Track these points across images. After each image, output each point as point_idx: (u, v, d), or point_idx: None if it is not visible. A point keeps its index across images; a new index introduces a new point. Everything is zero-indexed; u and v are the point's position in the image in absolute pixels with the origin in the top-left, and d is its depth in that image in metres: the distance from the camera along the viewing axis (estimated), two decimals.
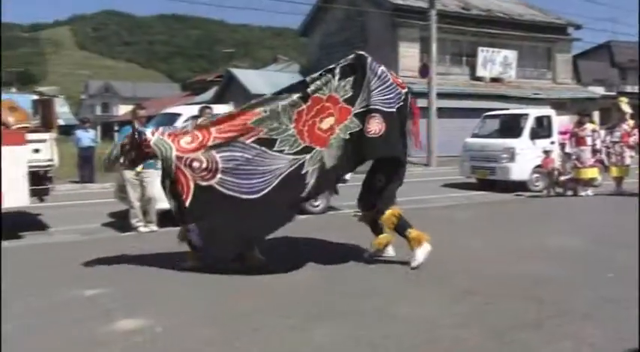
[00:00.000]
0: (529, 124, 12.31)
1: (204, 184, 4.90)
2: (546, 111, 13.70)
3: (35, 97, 8.37)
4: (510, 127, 13.00)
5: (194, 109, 8.65)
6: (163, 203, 6.15)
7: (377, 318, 3.87)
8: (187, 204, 4.88)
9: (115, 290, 4.59)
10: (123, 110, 54.36)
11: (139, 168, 7.26)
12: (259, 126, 5.02)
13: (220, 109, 7.89)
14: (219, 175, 4.92)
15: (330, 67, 5.33)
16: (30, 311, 4.13)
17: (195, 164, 4.90)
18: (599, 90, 28.38)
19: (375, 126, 5.14)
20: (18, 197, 6.92)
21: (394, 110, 5.28)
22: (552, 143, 11.95)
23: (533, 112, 13.03)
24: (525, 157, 11.93)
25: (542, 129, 12.34)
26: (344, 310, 4.04)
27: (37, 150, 7.26)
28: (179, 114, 8.62)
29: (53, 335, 3.65)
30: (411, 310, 4.02)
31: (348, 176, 9.36)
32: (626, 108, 11.04)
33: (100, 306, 4.20)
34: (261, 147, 5.00)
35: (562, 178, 10.91)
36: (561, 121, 13.58)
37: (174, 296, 4.46)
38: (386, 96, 5.30)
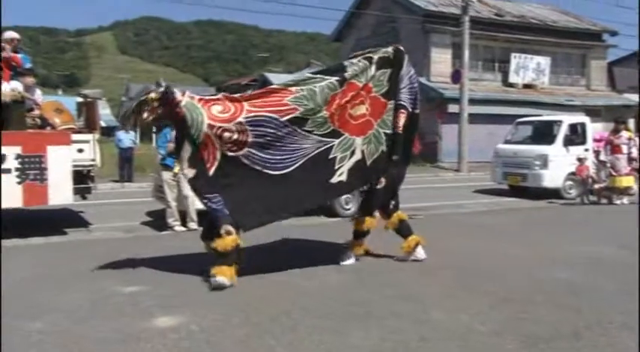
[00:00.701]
0: (563, 131, 12.19)
1: (231, 155, 4.81)
2: (580, 118, 13.54)
3: (80, 100, 8.69)
4: (543, 134, 12.89)
5: None
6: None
7: (413, 322, 3.91)
8: (212, 172, 4.78)
9: (153, 287, 4.72)
10: None
11: (176, 170, 7.51)
12: (296, 105, 4.95)
13: None
14: (246, 148, 4.83)
15: (369, 54, 5.36)
16: (74, 305, 4.29)
17: (226, 134, 4.76)
18: (635, 98, 27.70)
19: (402, 122, 5.33)
20: (63, 195, 7.20)
21: (412, 112, 5.45)
22: (586, 150, 11.82)
23: (567, 119, 12.89)
24: (558, 164, 11.81)
25: (576, 136, 12.21)
26: (379, 313, 4.09)
27: (80, 150, 7.51)
28: None
29: (95, 329, 3.78)
30: (445, 315, 4.05)
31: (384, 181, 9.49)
32: None
33: (139, 303, 4.33)
34: (293, 125, 4.93)
35: (596, 186, 10.78)
36: (595, 128, 13.41)
37: (208, 295, 4.56)
38: (411, 97, 5.47)
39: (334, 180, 5.13)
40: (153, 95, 4.76)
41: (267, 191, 4.89)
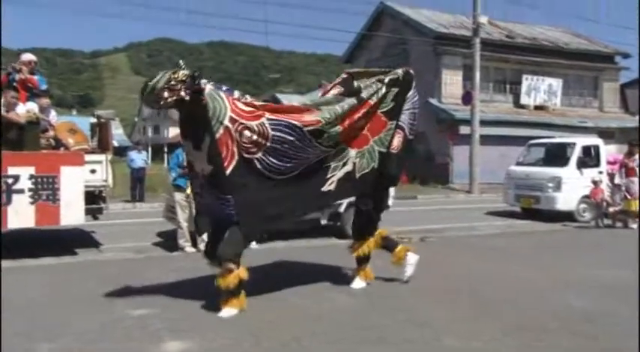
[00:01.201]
0: (576, 153, 12.12)
1: (247, 157, 4.62)
2: (594, 140, 13.43)
3: (93, 120, 8.79)
4: (556, 156, 12.80)
5: None
6: None
7: (426, 349, 3.84)
8: (229, 170, 4.53)
9: (162, 310, 4.68)
10: (172, 132, 56.28)
11: (189, 191, 7.52)
12: (319, 118, 4.86)
13: None
14: (261, 152, 4.66)
15: (381, 76, 5.38)
16: (84, 327, 4.26)
17: (247, 133, 4.56)
18: None
19: (397, 143, 5.35)
20: (74, 215, 7.23)
21: (407, 135, 5.47)
22: (600, 173, 11.70)
23: (581, 141, 12.81)
24: (572, 187, 11.72)
25: (589, 158, 12.12)
26: (391, 339, 4.03)
27: (93, 171, 7.57)
28: None
29: None
30: (458, 342, 3.98)
31: (390, 202, 9.44)
32: None
33: (148, 326, 4.29)
34: (312, 137, 4.83)
35: (611, 210, 10.64)
36: (608, 151, 13.31)
37: (218, 318, 4.51)
38: (410, 121, 5.51)
39: (325, 188, 5.06)
40: (182, 73, 4.37)
41: (270, 196, 4.76)
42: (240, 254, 4.67)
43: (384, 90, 5.31)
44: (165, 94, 4.34)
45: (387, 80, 5.35)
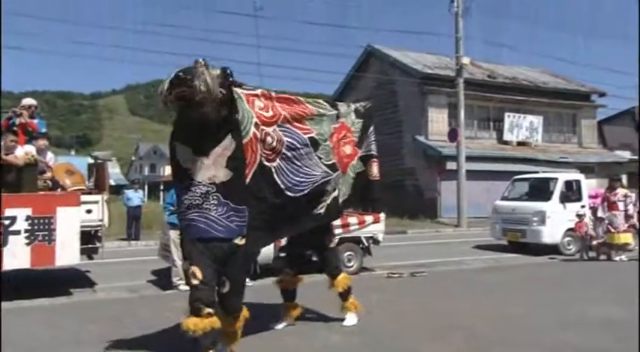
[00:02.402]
0: (559, 188, 12.44)
1: (267, 165, 4.49)
2: (575, 175, 13.84)
3: (91, 161, 8.93)
4: (540, 190, 13.13)
5: None
6: None
7: None
8: (249, 178, 4.32)
9: None
10: (169, 171, 56.59)
11: None
12: (311, 126, 4.93)
13: None
14: (278, 160, 4.57)
15: (348, 103, 5.67)
16: None
17: (268, 139, 4.47)
18: (626, 155, 28.25)
19: (376, 170, 5.66)
20: (70, 255, 7.25)
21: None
22: (583, 207, 12.01)
23: (563, 176, 13.19)
24: (556, 220, 11.99)
25: (572, 192, 12.45)
26: None
27: (89, 211, 7.64)
28: None
29: None
30: None
31: (380, 237, 9.60)
32: None
33: None
34: (312, 146, 4.84)
35: (595, 242, 10.90)
36: (589, 185, 13.69)
37: None
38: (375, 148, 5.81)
39: (316, 211, 5.06)
40: (217, 72, 3.94)
41: (276, 212, 4.59)
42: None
43: (353, 116, 5.57)
44: (202, 88, 3.82)
45: (353, 107, 5.64)
